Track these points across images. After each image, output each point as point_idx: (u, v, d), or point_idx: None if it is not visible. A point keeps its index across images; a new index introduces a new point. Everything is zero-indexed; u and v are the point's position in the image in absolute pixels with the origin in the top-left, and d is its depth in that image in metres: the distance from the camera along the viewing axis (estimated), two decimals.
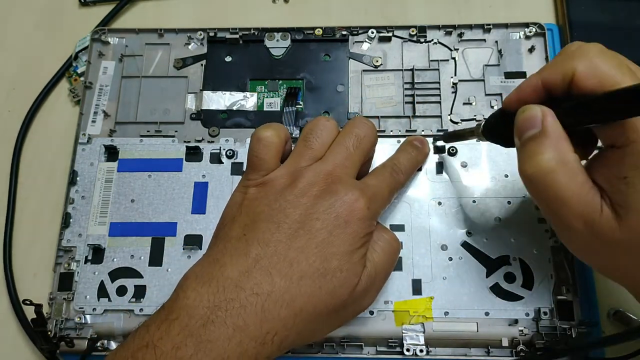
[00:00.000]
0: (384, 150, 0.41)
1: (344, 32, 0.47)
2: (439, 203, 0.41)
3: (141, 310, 0.39)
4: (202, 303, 0.28)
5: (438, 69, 0.45)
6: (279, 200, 0.32)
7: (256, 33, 0.47)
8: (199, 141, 0.44)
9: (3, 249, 0.44)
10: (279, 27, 0.47)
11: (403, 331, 0.38)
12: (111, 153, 0.44)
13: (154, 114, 0.45)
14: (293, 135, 0.43)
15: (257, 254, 0.30)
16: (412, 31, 0.46)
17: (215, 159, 0.43)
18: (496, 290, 0.39)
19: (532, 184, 0.29)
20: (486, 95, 0.44)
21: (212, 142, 0.44)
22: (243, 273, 0.29)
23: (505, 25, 0.46)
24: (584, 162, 0.30)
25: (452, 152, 0.42)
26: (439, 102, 0.44)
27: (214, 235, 0.34)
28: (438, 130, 0.43)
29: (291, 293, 0.29)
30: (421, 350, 0.38)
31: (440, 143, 0.43)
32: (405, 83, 0.45)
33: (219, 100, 0.46)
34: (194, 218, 0.42)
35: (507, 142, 0.32)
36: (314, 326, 0.31)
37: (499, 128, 0.33)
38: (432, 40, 0.46)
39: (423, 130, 0.44)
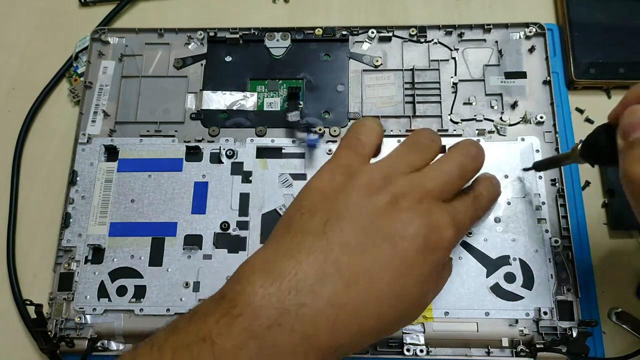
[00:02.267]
0: (385, 151, 0.41)
1: (344, 32, 0.47)
2: None
3: (141, 310, 0.39)
4: (270, 303, 0.26)
5: (438, 69, 0.45)
6: (369, 202, 0.29)
7: (256, 33, 0.47)
8: (199, 141, 0.44)
9: (7, 250, 0.43)
10: (279, 27, 0.47)
11: (403, 331, 0.38)
12: (111, 153, 0.44)
13: (154, 114, 0.45)
14: (310, 134, 0.43)
15: (337, 258, 0.27)
16: (412, 31, 0.46)
17: (215, 158, 0.43)
18: (496, 290, 0.39)
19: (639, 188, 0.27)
20: (486, 95, 0.44)
21: (212, 142, 0.44)
22: (320, 277, 0.27)
23: (506, 25, 0.46)
24: None
25: None
26: (439, 102, 0.44)
27: (285, 221, 0.30)
28: (438, 130, 0.43)
29: (367, 310, 0.27)
30: (421, 350, 0.38)
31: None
32: (406, 83, 0.45)
33: (219, 100, 0.46)
34: (194, 218, 0.42)
35: (610, 160, 0.30)
36: (371, 341, 0.29)
37: (602, 145, 0.31)
38: (432, 40, 0.46)
39: None
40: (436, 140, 0.33)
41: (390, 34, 0.46)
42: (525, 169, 0.42)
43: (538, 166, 0.41)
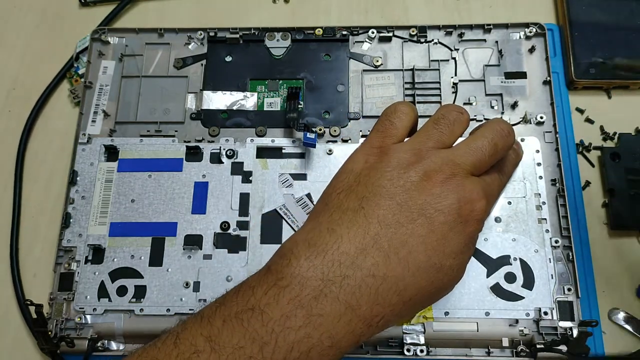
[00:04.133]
0: None
1: (344, 32, 0.47)
2: None
3: (141, 310, 0.39)
4: (315, 274, 0.27)
5: (438, 69, 0.45)
6: (402, 178, 0.30)
7: (256, 33, 0.47)
8: (199, 141, 0.44)
9: (10, 250, 0.43)
10: (279, 27, 0.47)
11: (403, 331, 0.38)
12: (111, 153, 0.44)
13: (154, 114, 0.45)
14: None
15: (376, 232, 0.29)
16: (413, 31, 0.46)
17: (216, 158, 0.43)
18: (496, 290, 0.39)
19: None
20: (486, 95, 0.44)
21: (212, 142, 0.44)
22: (361, 251, 0.28)
23: (506, 26, 0.46)
24: None
25: None
26: (440, 102, 0.44)
27: (323, 201, 0.32)
28: None
29: (405, 282, 0.28)
30: (421, 351, 0.38)
31: None
32: (406, 83, 0.45)
33: (219, 100, 0.46)
34: (194, 218, 0.42)
35: None
36: (411, 313, 0.31)
37: None
38: (433, 40, 0.46)
39: None
40: (464, 114, 0.33)
41: (391, 34, 0.46)
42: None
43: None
